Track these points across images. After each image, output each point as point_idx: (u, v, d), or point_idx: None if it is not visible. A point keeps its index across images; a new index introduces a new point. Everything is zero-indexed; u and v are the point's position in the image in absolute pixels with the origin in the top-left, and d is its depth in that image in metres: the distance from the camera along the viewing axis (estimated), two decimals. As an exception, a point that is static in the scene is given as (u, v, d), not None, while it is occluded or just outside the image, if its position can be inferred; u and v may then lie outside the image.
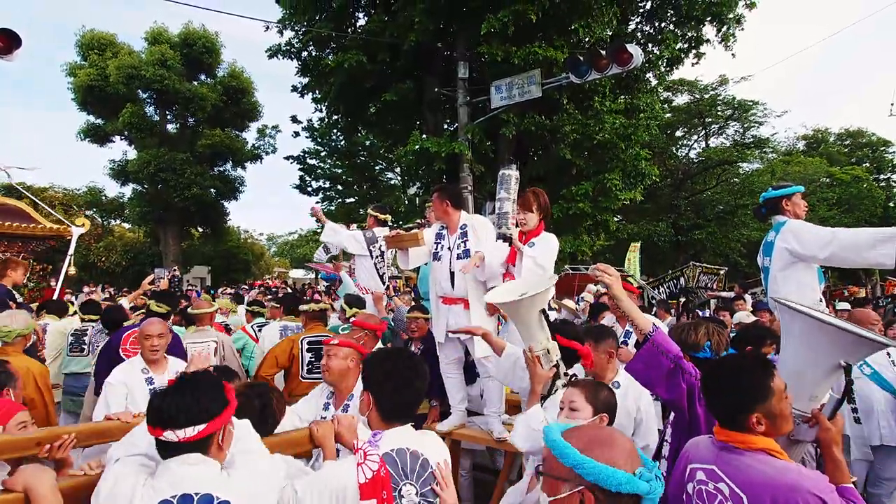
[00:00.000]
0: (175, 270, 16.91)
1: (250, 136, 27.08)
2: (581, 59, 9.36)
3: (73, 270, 6.92)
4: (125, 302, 5.54)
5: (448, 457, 2.03)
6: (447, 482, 1.84)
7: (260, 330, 5.39)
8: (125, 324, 4.62)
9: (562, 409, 2.20)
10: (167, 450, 1.56)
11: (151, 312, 4.22)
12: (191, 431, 1.53)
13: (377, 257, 5.15)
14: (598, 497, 1.13)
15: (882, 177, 31.54)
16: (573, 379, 2.64)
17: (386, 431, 1.89)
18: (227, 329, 5.99)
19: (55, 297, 6.06)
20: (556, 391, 2.49)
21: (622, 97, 12.47)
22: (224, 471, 1.59)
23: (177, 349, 3.70)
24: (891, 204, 29.64)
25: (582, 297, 9.33)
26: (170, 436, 1.52)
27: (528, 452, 2.43)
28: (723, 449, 1.65)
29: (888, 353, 3.90)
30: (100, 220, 27.47)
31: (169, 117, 24.48)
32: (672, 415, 2.25)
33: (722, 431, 1.67)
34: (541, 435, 2.42)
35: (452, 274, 3.60)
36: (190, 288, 19.28)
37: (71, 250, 7.03)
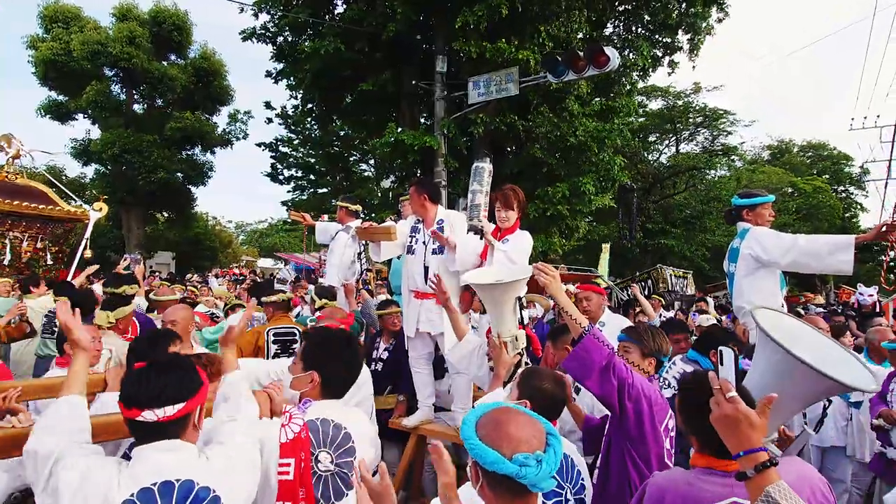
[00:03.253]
0: (138, 256, 16.38)
1: (221, 120, 26.46)
2: (559, 59, 9.41)
3: (88, 254, 7.06)
4: (97, 287, 5.30)
5: (371, 454, 2.07)
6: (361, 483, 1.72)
7: None
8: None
9: None
10: (144, 433, 1.52)
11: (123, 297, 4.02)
12: (170, 410, 1.51)
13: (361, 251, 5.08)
14: (480, 471, 1.21)
15: (840, 188, 32.81)
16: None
17: (315, 402, 1.99)
18: (213, 319, 5.82)
19: (70, 279, 5.91)
20: (517, 377, 2.53)
21: (597, 99, 12.60)
22: (202, 454, 1.57)
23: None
24: (847, 215, 30.87)
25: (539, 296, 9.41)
26: (149, 415, 1.49)
27: None
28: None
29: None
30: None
31: (136, 97, 23.61)
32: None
33: (723, 462, 1.50)
34: None
35: (426, 268, 3.57)
36: (153, 274, 18.73)
37: (87, 233, 7.23)
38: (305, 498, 1.79)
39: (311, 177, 23.73)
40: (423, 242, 3.61)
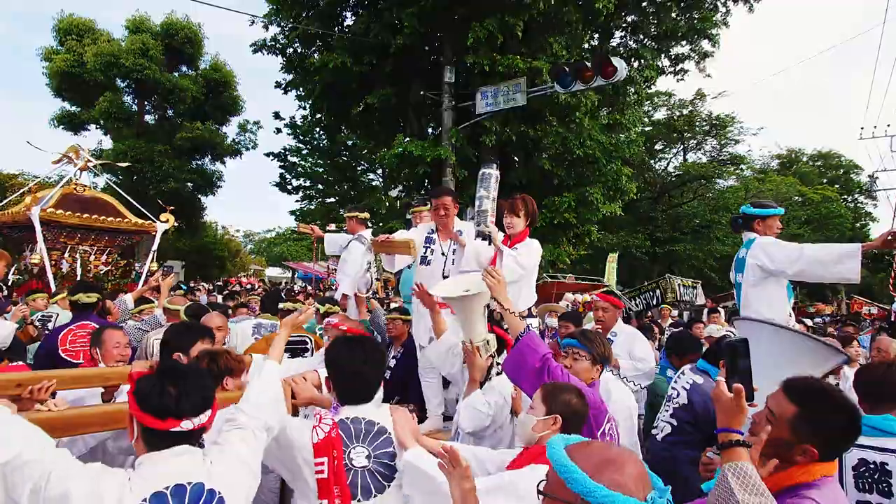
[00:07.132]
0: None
1: (231, 130, 26.74)
2: (566, 69, 9.47)
3: (154, 266, 7.10)
4: (128, 298, 5.30)
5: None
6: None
7: None
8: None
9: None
10: (165, 441, 1.52)
11: (78, 305, 4.04)
12: (203, 418, 1.55)
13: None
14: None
15: (850, 198, 32.57)
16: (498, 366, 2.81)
17: (345, 406, 2.06)
18: None
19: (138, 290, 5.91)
20: (490, 378, 2.69)
21: (605, 109, 12.64)
22: (206, 458, 1.58)
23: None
24: (857, 224, 30.62)
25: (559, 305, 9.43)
26: (187, 424, 1.50)
27: (473, 433, 2.60)
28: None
29: None
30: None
31: (147, 108, 23.99)
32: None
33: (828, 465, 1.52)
34: (483, 416, 2.54)
35: (445, 279, 3.59)
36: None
37: (154, 246, 7.34)
38: (341, 495, 1.85)
39: (319, 186, 23.91)
40: (443, 254, 3.66)
